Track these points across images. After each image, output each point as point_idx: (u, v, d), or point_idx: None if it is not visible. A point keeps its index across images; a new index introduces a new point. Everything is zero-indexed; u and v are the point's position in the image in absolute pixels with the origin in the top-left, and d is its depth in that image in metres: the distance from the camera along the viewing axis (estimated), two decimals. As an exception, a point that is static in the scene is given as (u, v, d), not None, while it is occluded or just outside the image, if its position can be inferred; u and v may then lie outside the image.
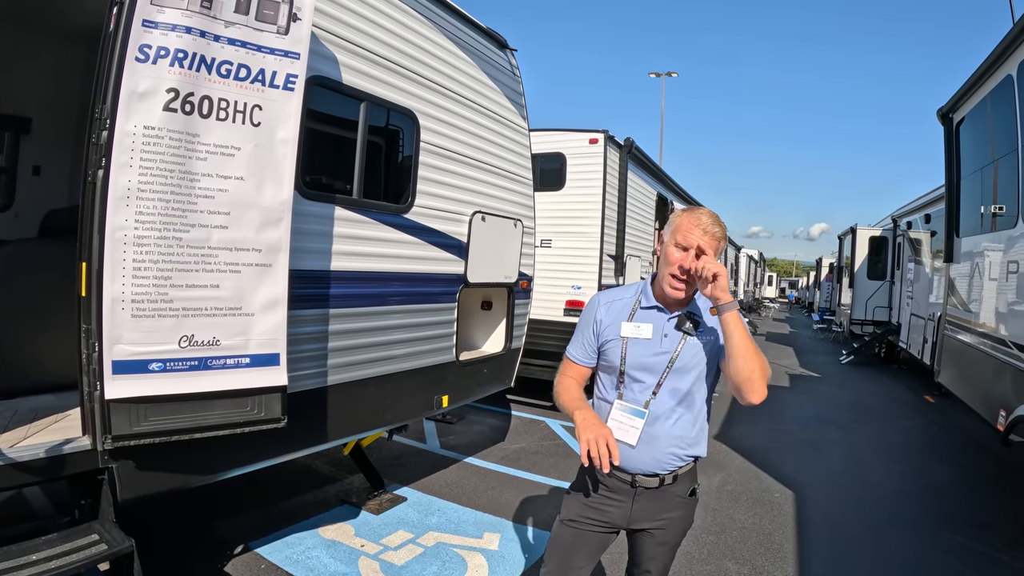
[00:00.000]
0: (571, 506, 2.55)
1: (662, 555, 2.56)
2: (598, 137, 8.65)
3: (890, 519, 5.54)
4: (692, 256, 2.25)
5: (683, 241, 2.27)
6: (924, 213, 13.02)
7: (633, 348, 2.39)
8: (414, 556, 4.39)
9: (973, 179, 6.87)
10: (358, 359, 4.18)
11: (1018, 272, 5.25)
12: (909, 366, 15.71)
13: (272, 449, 3.63)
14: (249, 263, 2.98)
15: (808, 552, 4.77)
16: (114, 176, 2.55)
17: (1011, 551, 4.90)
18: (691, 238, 2.25)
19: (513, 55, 5.91)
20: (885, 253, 17.54)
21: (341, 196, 3.96)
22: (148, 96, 2.60)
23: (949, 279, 7.83)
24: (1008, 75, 5.60)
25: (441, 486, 5.77)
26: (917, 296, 12.92)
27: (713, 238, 2.25)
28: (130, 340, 2.64)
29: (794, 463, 7.17)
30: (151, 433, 2.77)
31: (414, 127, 4.54)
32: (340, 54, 3.86)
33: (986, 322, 6.17)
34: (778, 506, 5.74)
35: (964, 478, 6.94)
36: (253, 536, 4.50)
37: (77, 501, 3.09)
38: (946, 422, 9.84)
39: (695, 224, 2.27)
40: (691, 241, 2.25)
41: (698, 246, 2.24)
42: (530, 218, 6.18)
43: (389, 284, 4.39)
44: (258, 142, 2.95)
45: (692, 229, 2.26)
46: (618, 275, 9.06)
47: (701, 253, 2.24)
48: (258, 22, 2.91)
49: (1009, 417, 5.17)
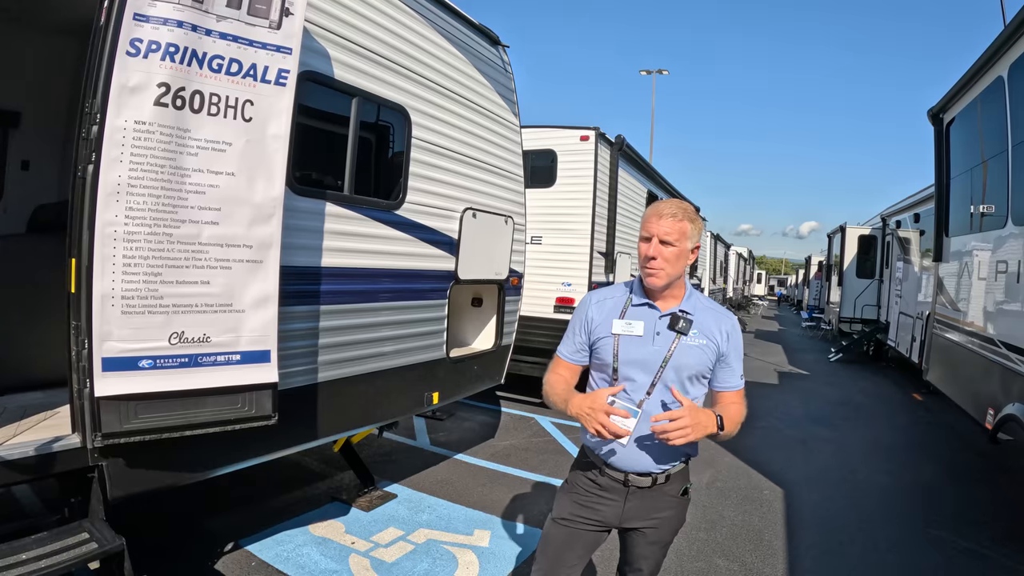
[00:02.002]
0: (563, 504, 2.55)
1: (654, 554, 2.57)
2: (589, 134, 8.65)
3: (878, 516, 5.57)
4: (655, 244, 2.30)
5: (645, 232, 2.34)
6: (913, 212, 13.11)
7: (625, 345, 2.39)
8: (405, 553, 4.38)
9: (963, 179, 6.91)
10: (349, 356, 4.17)
11: (1007, 272, 5.28)
12: (897, 364, 15.80)
13: (262, 446, 3.62)
14: (240, 259, 2.96)
15: (797, 548, 4.80)
16: (104, 171, 2.53)
17: (998, 547, 4.95)
18: (651, 227, 2.32)
19: (505, 51, 5.89)
20: (874, 252, 17.65)
21: (332, 192, 3.95)
22: (139, 91, 2.58)
23: (938, 278, 7.87)
24: (999, 76, 5.63)
25: (431, 483, 5.76)
26: (906, 295, 12.99)
27: (675, 220, 2.30)
28: (120, 337, 2.62)
29: (783, 460, 7.20)
30: (141, 431, 2.75)
31: (406, 123, 4.53)
32: (332, 49, 3.84)
33: (974, 321, 6.21)
34: (767, 503, 5.77)
35: (952, 475, 6.99)
36: (243, 534, 4.48)
37: (67, 499, 3.06)
38: (934, 420, 9.92)
39: (653, 213, 2.34)
40: (651, 230, 2.31)
41: (658, 235, 2.30)
42: (521, 215, 6.17)
43: (380, 280, 4.37)
44: (249, 138, 2.93)
45: (650, 218, 2.33)
46: (608, 272, 9.07)
47: (663, 242, 2.30)
48: (250, 16, 2.89)
49: (997, 415, 5.20)
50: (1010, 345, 5.11)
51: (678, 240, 2.30)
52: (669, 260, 2.30)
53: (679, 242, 2.30)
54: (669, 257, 2.30)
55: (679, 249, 2.31)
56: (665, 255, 2.30)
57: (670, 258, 2.30)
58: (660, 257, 2.30)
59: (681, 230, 2.30)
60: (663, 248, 2.30)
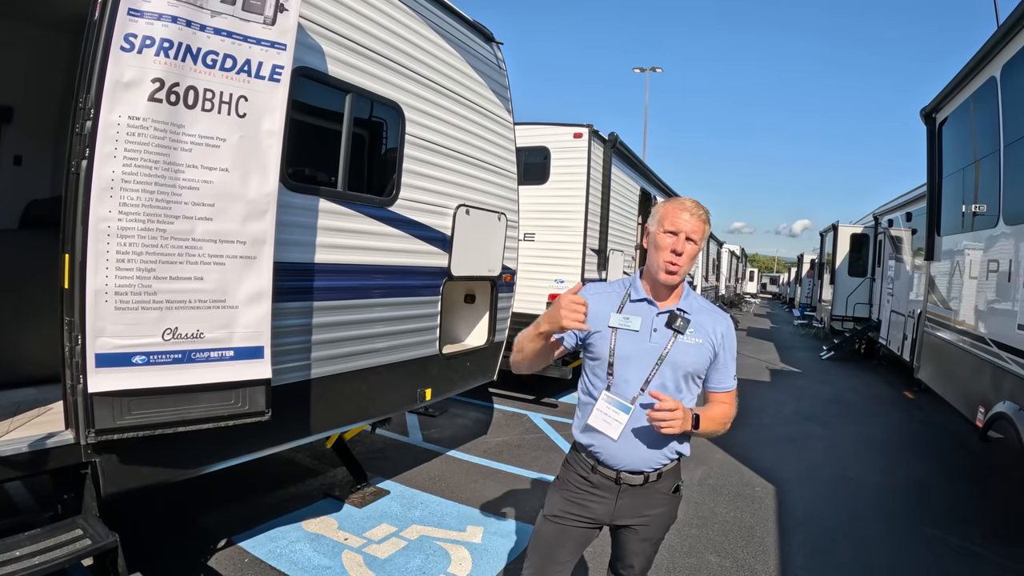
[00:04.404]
0: (554, 501, 2.55)
1: (645, 550, 2.58)
2: (582, 131, 8.66)
3: (870, 513, 5.60)
4: (682, 240, 2.28)
5: (671, 227, 2.30)
6: (906, 211, 13.15)
7: (622, 339, 2.38)
8: (398, 549, 4.39)
9: (955, 178, 6.94)
10: (342, 352, 4.17)
11: (998, 271, 5.31)
12: (889, 362, 15.89)
13: (256, 443, 3.61)
14: (233, 255, 2.96)
15: (789, 545, 4.83)
16: (98, 167, 2.52)
17: (988, 545, 4.98)
18: (679, 223, 2.29)
19: (499, 48, 5.89)
20: (866, 250, 17.73)
21: (326, 188, 3.94)
22: (133, 86, 2.57)
23: (929, 277, 7.92)
24: (992, 77, 5.66)
25: (424, 479, 5.77)
26: (897, 293, 13.04)
27: (700, 220, 2.30)
28: (113, 333, 2.61)
29: (775, 457, 7.24)
30: (135, 427, 2.75)
31: (399, 119, 4.52)
32: (326, 45, 3.83)
33: (966, 320, 6.25)
34: (759, 500, 5.80)
35: (943, 473, 7.04)
36: (236, 530, 4.48)
37: (60, 496, 3.06)
38: (925, 418, 9.98)
39: (681, 208, 2.32)
40: (679, 226, 2.29)
41: (686, 232, 2.28)
42: (514, 212, 6.18)
43: (373, 277, 4.37)
44: (243, 133, 2.93)
45: (679, 213, 2.31)
46: (601, 269, 9.09)
47: (688, 239, 2.28)
48: (245, 12, 2.88)
49: (988, 413, 5.24)
50: (1001, 344, 5.14)
51: (700, 239, 2.31)
52: (690, 257, 2.31)
53: (700, 241, 2.32)
54: (691, 254, 2.30)
55: (698, 248, 2.33)
56: (688, 252, 2.29)
57: (691, 255, 2.31)
58: (685, 253, 2.29)
59: (704, 230, 2.33)
60: (688, 245, 2.29)
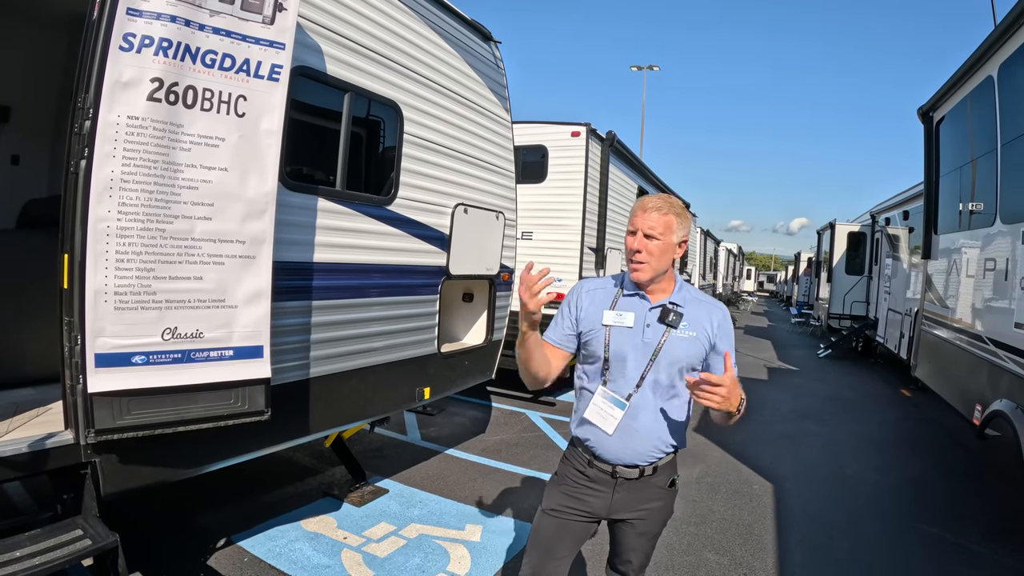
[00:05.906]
0: (552, 496, 2.57)
1: (643, 545, 2.59)
2: (580, 130, 8.66)
3: (867, 511, 5.62)
4: (640, 237, 2.33)
5: (631, 226, 2.38)
6: (903, 210, 13.18)
7: (616, 336, 2.40)
8: (397, 548, 4.39)
9: (952, 177, 6.95)
10: (341, 351, 4.17)
11: (995, 269, 5.33)
12: (886, 360, 15.93)
13: (255, 442, 3.62)
14: (233, 255, 2.96)
15: (787, 543, 4.84)
16: (97, 166, 2.52)
17: (985, 543, 5.00)
18: (636, 221, 2.36)
19: (497, 47, 5.89)
20: (863, 248, 17.74)
21: (324, 187, 3.94)
22: (132, 85, 2.57)
23: (927, 275, 7.93)
24: (989, 76, 5.67)
25: (423, 478, 5.77)
26: (894, 291, 13.06)
27: (660, 214, 2.33)
28: (113, 333, 2.61)
29: (772, 455, 7.25)
30: (134, 427, 2.75)
31: (398, 119, 4.52)
32: (325, 44, 3.83)
33: (963, 318, 6.26)
34: (757, 497, 5.81)
35: (939, 471, 7.06)
36: (236, 529, 4.48)
37: (60, 496, 3.06)
38: (922, 416, 10.01)
39: (640, 207, 2.37)
40: (636, 224, 2.35)
41: (643, 229, 2.33)
42: (512, 211, 6.18)
43: (372, 276, 4.38)
44: (242, 133, 2.93)
45: (637, 212, 2.37)
46: (599, 268, 9.10)
47: (647, 235, 2.33)
48: (243, 12, 2.88)
49: (985, 411, 5.25)
50: (998, 342, 5.15)
51: (663, 234, 2.32)
52: (653, 254, 2.33)
53: (664, 236, 2.32)
54: (654, 251, 2.33)
55: (664, 243, 2.33)
56: (650, 248, 2.33)
57: (655, 252, 2.33)
58: (644, 251, 2.33)
59: (666, 224, 2.33)
60: (648, 242, 2.33)
